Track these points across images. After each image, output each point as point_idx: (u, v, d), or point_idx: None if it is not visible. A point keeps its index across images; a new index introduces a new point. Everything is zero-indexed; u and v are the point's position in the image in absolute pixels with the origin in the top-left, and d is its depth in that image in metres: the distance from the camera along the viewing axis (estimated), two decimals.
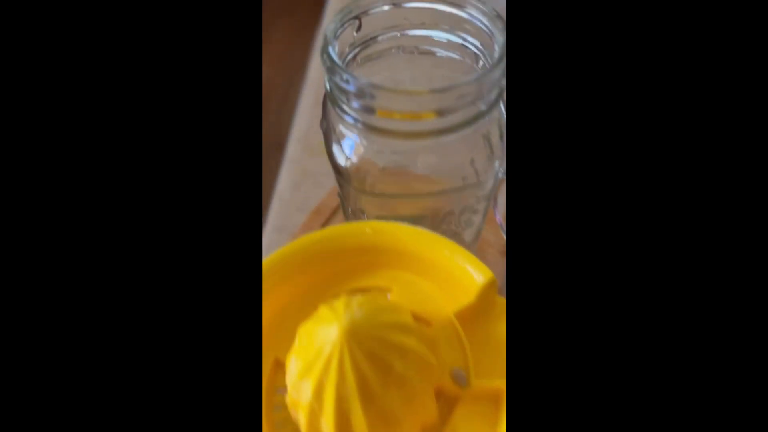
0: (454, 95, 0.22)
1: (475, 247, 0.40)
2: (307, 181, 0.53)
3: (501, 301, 0.29)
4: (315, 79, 0.62)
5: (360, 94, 0.23)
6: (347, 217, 0.33)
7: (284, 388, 0.23)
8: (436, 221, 0.29)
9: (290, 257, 0.29)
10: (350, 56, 0.28)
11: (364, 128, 0.25)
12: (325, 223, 0.45)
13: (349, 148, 0.28)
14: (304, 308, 0.26)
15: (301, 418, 0.22)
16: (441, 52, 0.30)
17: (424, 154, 0.27)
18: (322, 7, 0.68)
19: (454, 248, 0.28)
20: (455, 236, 0.31)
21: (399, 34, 0.29)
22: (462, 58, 0.29)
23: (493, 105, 0.25)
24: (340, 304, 0.21)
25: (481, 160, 0.28)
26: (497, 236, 0.46)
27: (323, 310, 0.22)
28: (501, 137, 0.28)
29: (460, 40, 0.28)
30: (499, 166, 0.29)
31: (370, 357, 0.20)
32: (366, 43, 0.29)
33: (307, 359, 0.21)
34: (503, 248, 0.42)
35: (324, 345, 0.20)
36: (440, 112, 0.23)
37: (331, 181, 0.35)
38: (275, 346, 0.26)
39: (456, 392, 0.25)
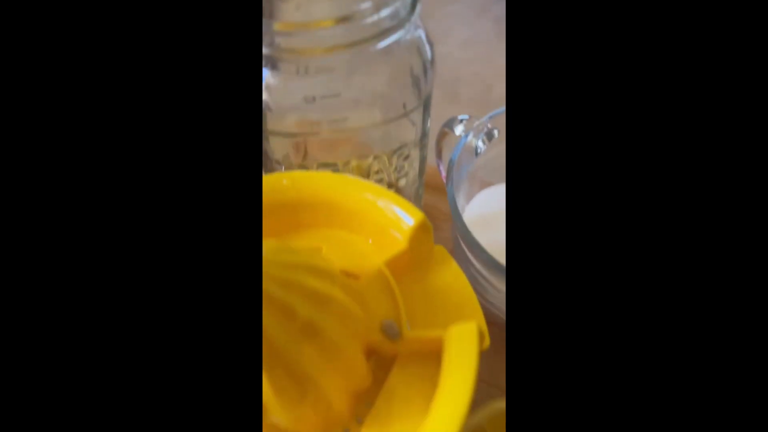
0: None
1: (420, 207, 0.37)
2: None
3: (439, 249, 0.26)
4: None
5: None
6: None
7: None
8: (364, 169, 0.26)
9: None
10: None
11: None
12: None
13: None
14: None
15: None
16: None
17: (339, 81, 0.24)
18: None
19: (378, 191, 0.25)
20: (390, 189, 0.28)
21: None
22: None
23: (403, 25, 0.21)
24: None
25: (404, 91, 0.25)
26: (443, 201, 0.43)
27: None
28: (425, 70, 0.25)
29: None
30: (426, 106, 0.26)
31: (266, 300, 0.17)
32: None
33: None
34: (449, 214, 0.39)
35: None
36: (341, 19, 0.19)
37: None
38: None
39: (390, 350, 0.22)
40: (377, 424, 0.20)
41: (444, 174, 0.37)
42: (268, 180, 0.26)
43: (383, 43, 0.21)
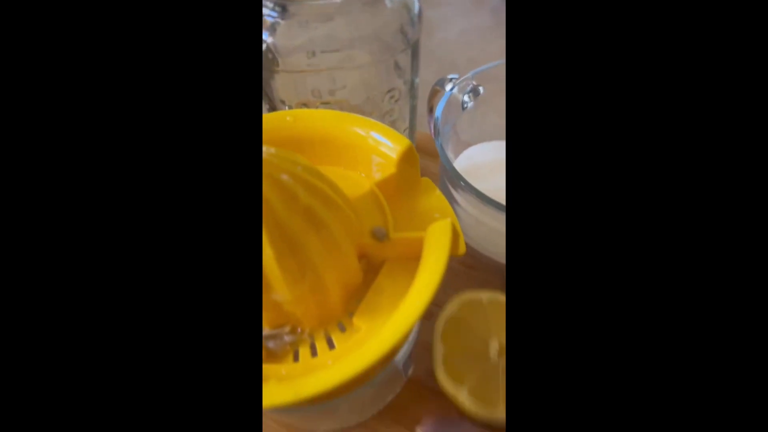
0: None
1: None
2: None
3: (425, 181, 0.29)
4: None
5: None
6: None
7: None
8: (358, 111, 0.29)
9: None
10: None
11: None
12: None
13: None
14: None
15: None
16: None
17: (336, 27, 0.27)
18: None
19: (369, 124, 0.28)
20: None
21: None
22: None
23: None
24: None
25: (393, 36, 0.28)
26: (434, 164, 0.46)
27: None
28: (412, 21, 0.29)
29: None
30: (414, 53, 0.29)
31: (273, 183, 0.20)
32: None
33: None
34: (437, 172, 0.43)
35: None
36: None
37: None
38: None
39: (379, 253, 0.25)
40: (366, 313, 0.24)
41: (432, 129, 0.40)
42: (273, 117, 0.30)
43: None
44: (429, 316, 0.39)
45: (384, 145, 0.27)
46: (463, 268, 0.41)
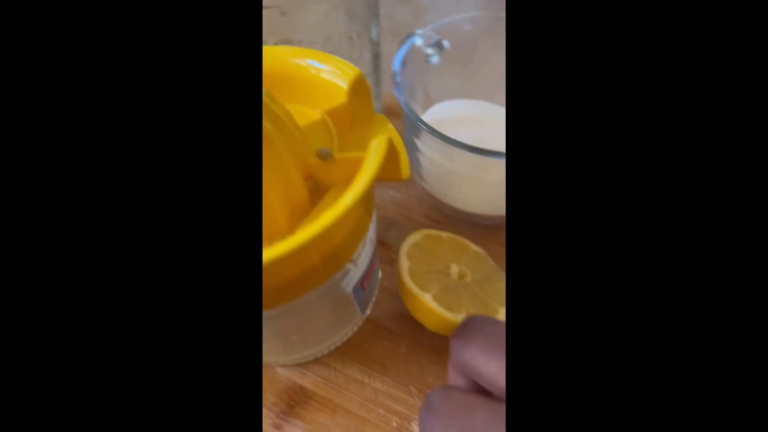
0: None
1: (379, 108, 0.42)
2: None
3: (379, 117, 0.30)
4: None
5: None
6: None
7: None
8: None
9: None
10: None
11: None
12: None
13: None
14: None
15: None
16: None
17: None
18: None
19: (321, 57, 0.29)
20: None
21: None
22: None
23: None
24: None
25: None
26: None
27: None
28: None
29: None
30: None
31: None
32: None
33: None
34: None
35: None
36: None
37: None
38: None
39: (324, 175, 0.26)
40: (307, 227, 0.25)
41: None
42: None
43: None
44: (390, 263, 0.40)
45: (333, 74, 0.28)
46: (428, 222, 0.42)
